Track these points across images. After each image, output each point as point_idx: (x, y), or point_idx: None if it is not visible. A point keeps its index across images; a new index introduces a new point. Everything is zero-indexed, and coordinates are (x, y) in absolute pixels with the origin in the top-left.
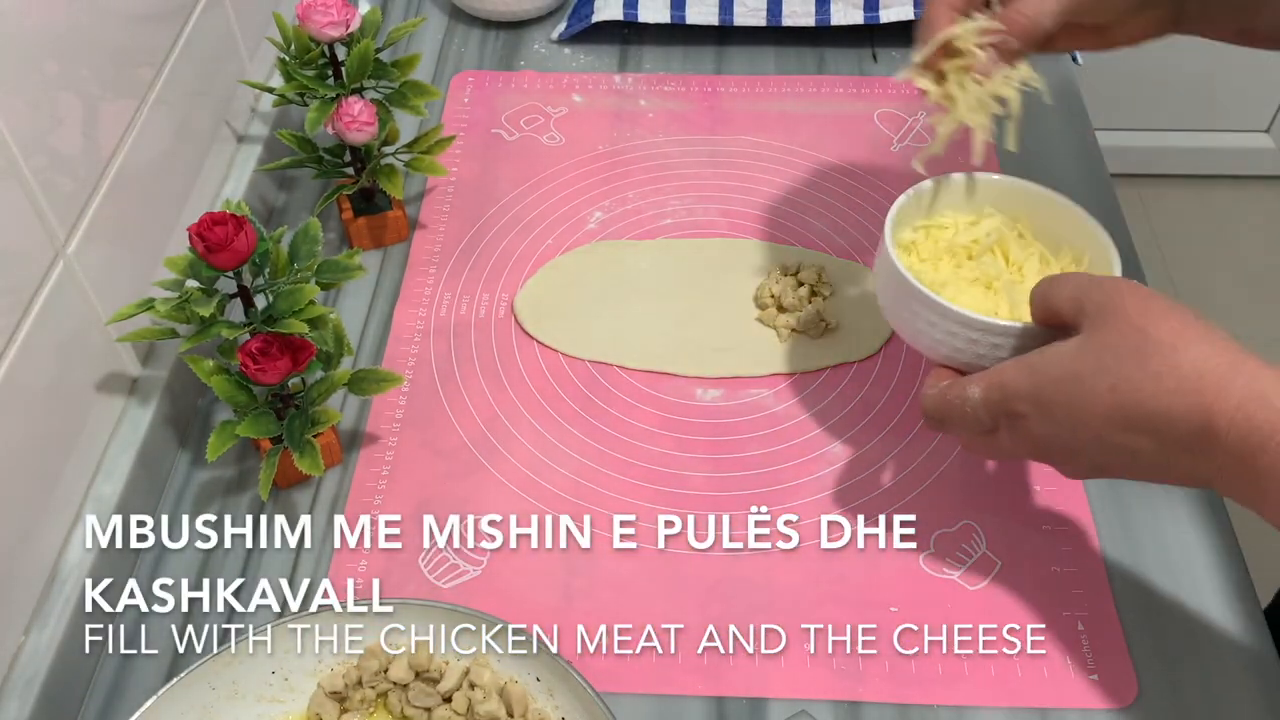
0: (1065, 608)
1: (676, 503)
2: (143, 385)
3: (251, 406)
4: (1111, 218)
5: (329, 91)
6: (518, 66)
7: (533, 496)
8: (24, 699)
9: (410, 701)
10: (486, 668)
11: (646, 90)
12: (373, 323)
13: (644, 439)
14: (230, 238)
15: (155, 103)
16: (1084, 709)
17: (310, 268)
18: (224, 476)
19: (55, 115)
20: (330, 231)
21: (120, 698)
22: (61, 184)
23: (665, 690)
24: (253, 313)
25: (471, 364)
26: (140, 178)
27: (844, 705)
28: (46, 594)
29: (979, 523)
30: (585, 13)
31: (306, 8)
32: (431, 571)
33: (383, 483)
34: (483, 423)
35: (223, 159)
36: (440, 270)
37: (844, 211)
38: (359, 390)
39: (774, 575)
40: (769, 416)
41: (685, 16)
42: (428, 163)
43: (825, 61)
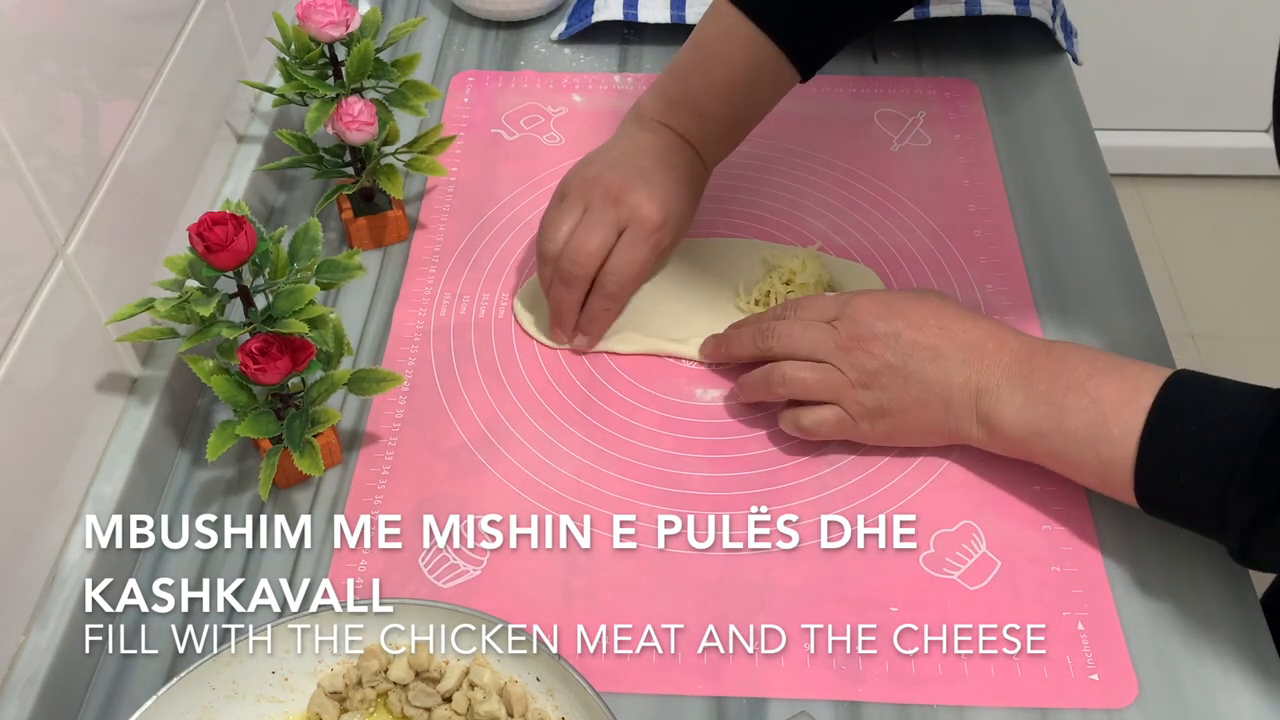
0: (1065, 608)
1: (676, 503)
2: (143, 385)
3: (251, 406)
4: (1111, 218)
5: (329, 91)
6: (518, 66)
7: (533, 496)
8: (24, 699)
9: (410, 701)
10: (486, 668)
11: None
12: (373, 323)
13: (644, 439)
14: (230, 238)
15: (155, 103)
16: (1084, 709)
17: (310, 268)
18: (224, 476)
19: (55, 115)
20: (330, 231)
21: (120, 698)
22: (61, 184)
23: (665, 690)
24: (253, 313)
25: (471, 364)
26: (140, 178)
27: (844, 705)
28: (46, 594)
29: (979, 523)
30: (585, 13)
31: (306, 8)
32: (431, 571)
33: (383, 483)
34: (483, 423)
35: (223, 159)
36: (440, 270)
37: (844, 211)
38: (359, 390)
39: (774, 575)
40: (769, 416)
41: (685, 16)
42: (428, 163)
43: None
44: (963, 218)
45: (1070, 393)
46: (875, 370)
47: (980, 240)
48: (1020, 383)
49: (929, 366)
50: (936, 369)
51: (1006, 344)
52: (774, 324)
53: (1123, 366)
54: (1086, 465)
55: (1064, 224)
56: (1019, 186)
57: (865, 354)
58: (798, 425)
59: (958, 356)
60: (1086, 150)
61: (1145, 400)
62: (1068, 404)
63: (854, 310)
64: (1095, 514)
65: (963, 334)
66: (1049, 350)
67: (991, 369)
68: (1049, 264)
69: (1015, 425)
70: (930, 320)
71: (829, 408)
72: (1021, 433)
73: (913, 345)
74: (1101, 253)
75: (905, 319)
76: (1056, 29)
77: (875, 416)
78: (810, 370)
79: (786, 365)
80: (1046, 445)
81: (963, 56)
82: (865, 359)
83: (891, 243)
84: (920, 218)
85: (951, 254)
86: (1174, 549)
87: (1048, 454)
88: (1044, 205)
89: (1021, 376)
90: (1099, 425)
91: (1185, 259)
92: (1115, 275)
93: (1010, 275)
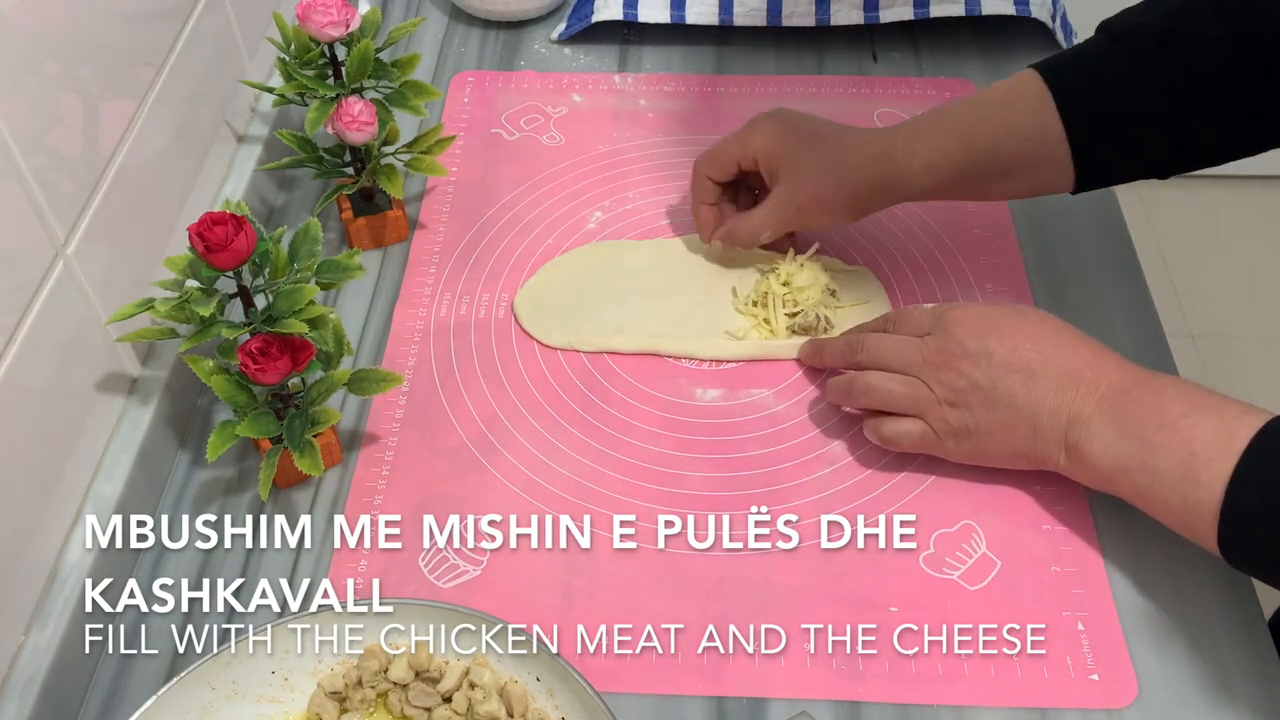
0: (1065, 608)
1: (676, 503)
2: (143, 385)
3: (251, 406)
4: (1111, 218)
5: (329, 91)
6: (518, 66)
7: (533, 496)
8: (24, 699)
9: (410, 701)
10: (486, 668)
11: (646, 90)
12: (373, 323)
13: (644, 439)
14: (230, 238)
15: (155, 103)
16: (1084, 709)
17: (310, 268)
18: (224, 476)
19: (55, 115)
20: (330, 231)
21: (120, 698)
22: (61, 184)
23: (665, 690)
24: (253, 313)
25: (471, 364)
26: (140, 178)
27: (844, 705)
28: (46, 594)
29: (979, 523)
30: (585, 13)
31: (306, 8)
32: (431, 571)
33: (383, 483)
34: (483, 423)
35: (223, 159)
36: (440, 270)
37: None
38: (359, 390)
39: (774, 575)
40: (769, 416)
41: (685, 16)
42: (428, 163)
43: (825, 61)
44: (963, 218)
45: (1162, 430)
46: (963, 389)
47: (980, 240)
48: (1113, 416)
49: (1019, 390)
50: (1027, 393)
51: (1105, 373)
52: (866, 336)
53: (1221, 407)
54: (1171, 507)
55: (1064, 224)
56: None
57: (953, 371)
58: (879, 434)
59: (1052, 383)
60: None
61: (1240, 444)
62: (1158, 442)
63: (948, 324)
64: (1095, 514)
65: (1060, 359)
66: (1148, 383)
67: (1086, 399)
68: (1049, 264)
69: (1103, 459)
70: (1026, 342)
71: (913, 420)
72: (1108, 467)
73: (1004, 366)
74: (1101, 253)
75: (999, 338)
76: (1056, 29)
77: (960, 436)
78: (896, 382)
79: (871, 374)
80: (1132, 482)
81: (962, 56)
82: (953, 377)
83: (891, 243)
84: (920, 218)
85: (951, 254)
86: (1174, 549)
87: (1133, 491)
88: (1044, 205)
89: (1115, 409)
90: (1188, 467)
91: (1185, 259)
92: (1115, 275)
93: (1010, 275)
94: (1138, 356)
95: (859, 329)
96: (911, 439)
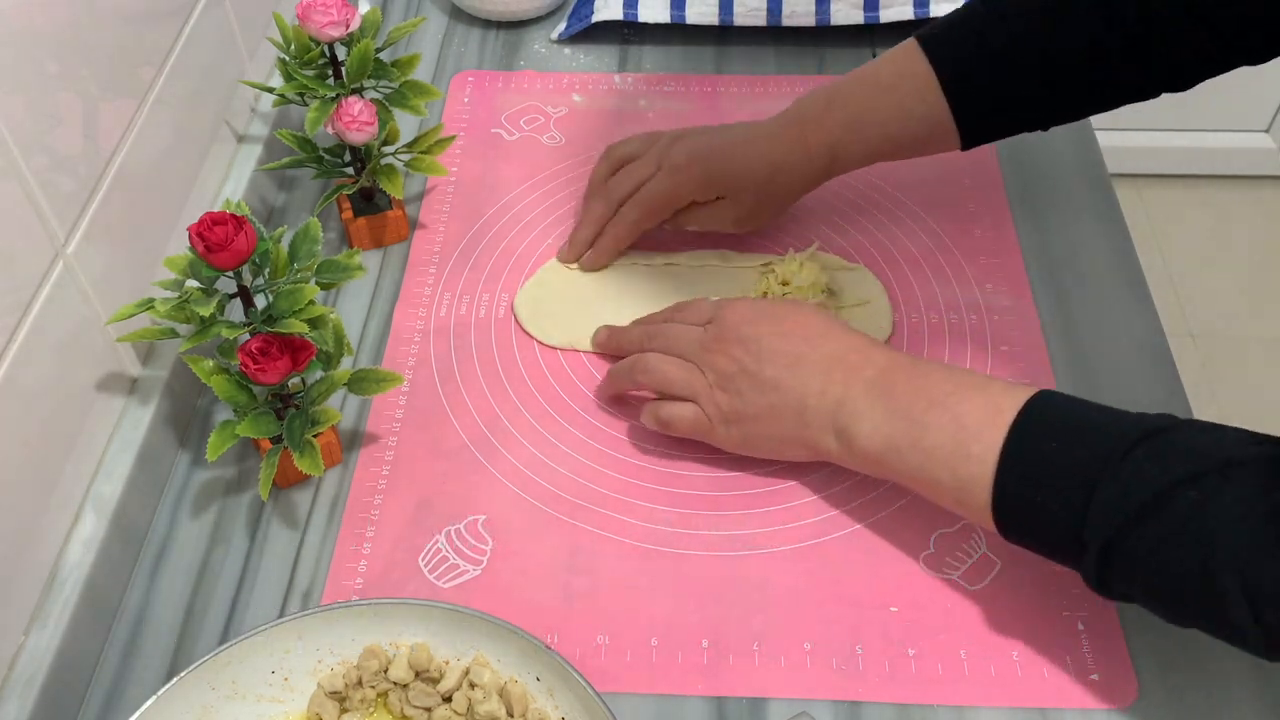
0: (1065, 608)
1: (676, 503)
2: (143, 385)
3: (251, 406)
4: (1112, 218)
5: (329, 91)
6: (518, 66)
7: (533, 496)
8: (24, 699)
9: (410, 701)
10: (486, 668)
11: (646, 90)
12: (373, 323)
13: (644, 439)
14: (230, 238)
15: (155, 103)
16: (1084, 709)
17: (310, 268)
18: (224, 476)
19: (55, 115)
20: (330, 231)
21: (120, 698)
22: (61, 184)
23: (665, 690)
24: (253, 313)
25: (471, 364)
26: (140, 178)
27: (844, 705)
28: (46, 594)
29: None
30: (585, 13)
31: (306, 8)
32: (431, 571)
33: (383, 483)
34: (483, 423)
35: (223, 159)
36: (440, 270)
37: (844, 212)
38: (359, 390)
39: (774, 575)
40: None
41: (685, 16)
42: (428, 163)
43: (825, 61)
44: (962, 218)
45: (931, 409)
46: (733, 374)
47: (980, 240)
48: (881, 396)
49: (785, 374)
50: (793, 376)
51: (871, 358)
52: (659, 325)
53: (986, 384)
54: (943, 485)
55: (1064, 224)
56: (1019, 186)
57: (725, 357)
58: (656, 416)
59: (818, 366)
60: (1086, 150)
61: (1007, 418)
62: (928, 420)
63: (724, 313)
64: None
65: (827, 345)
66: (914, 365)
67: (852, 381)
68: (1049, 264)
69: (873, 440)
70: (795, 329)
71: (688, 405)
72: (879, 448)
73: (772, 352)
74: (1101, 253)
75: (770, 325)
76: None
77: (730, 421)
78: (672, 365)
79: (651, 355)
80: (904, 462)
81: None
82: (724, 362)
83: (891, 243)
84: (920, 218)
85: (951, 254)
86: None
87: (905, 472)
88: (1044, 205)
89: (883, 390)
90: (958, 443)
91: (1185, 259)
92: (1115, 275)
93: (1010, 275)
94: (1138, 356)
95: (648, 319)
96: (686, 423)
